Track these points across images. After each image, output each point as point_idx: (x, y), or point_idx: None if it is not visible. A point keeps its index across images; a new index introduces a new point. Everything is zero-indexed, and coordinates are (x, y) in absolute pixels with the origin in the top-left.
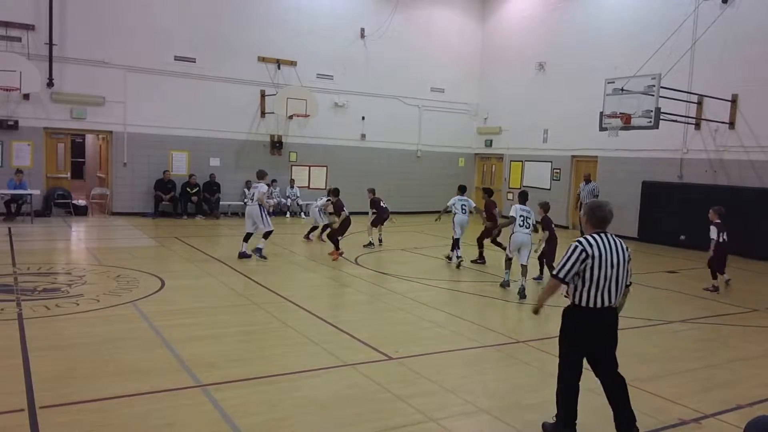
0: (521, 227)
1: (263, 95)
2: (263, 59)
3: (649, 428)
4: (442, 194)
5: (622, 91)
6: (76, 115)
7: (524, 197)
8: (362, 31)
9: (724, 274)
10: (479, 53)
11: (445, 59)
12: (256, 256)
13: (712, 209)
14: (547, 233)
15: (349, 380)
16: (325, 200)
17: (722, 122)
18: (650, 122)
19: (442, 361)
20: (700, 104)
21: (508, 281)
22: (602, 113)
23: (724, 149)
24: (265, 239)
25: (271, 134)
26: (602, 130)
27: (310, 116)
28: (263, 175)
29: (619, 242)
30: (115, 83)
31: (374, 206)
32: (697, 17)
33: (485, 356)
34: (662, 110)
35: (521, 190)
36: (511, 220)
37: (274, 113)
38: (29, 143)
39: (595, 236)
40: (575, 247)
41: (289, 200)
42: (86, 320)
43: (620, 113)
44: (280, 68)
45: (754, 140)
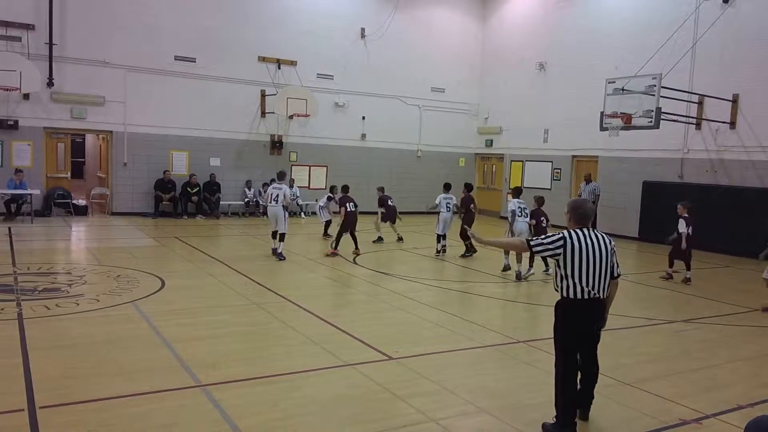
0: (520, 217)
1: (263, 95)
2: (263, 59)
3: (649, 428)
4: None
5: (622, 91)
6: (76, 114)
7: (518, 192)
8: (363, 31)
9: (690, 269)
10: (480, 53)
11: (445, 59)
12: (278, 258)
13: (680, 204)
14: (533, 221)
15: (349, 380)
16: (326, 198)
17: (723, 122)
18: (651, 122)
19: (442, 361)
20: (700, 104)
21: (508, 265)
22: (603, 113)
23: (724, 149)
24: (282, 242)
25: (271, 134)
26: (603, 130)
27: (310, 116)
28: (284, 176)
29: (601, 236)
30: (115, 83)
31: (382, 204)
32: (697, 17)
33: (486, 356)
34: (663, 110)
35: (516, 186)
36: (512, 215)
37: (274, 113)
38: (29, 143)
39: (577, 230)
40: (559, 234)
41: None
42: (86, 320)
43: (621, 113)
44: (280, 68)
45: (754, 140)
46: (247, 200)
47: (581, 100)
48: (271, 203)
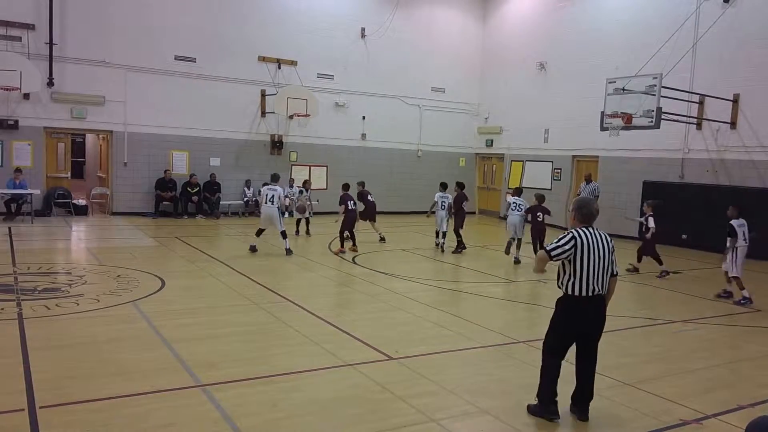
0: (513, 211)
1: (263, 95)
2: (264, 59)
3: (650, 429)
4: None
5: (623, 90)
6: (76, 114)
7: (519, 192)
8: (363, 30)
9: (662, 263)
10: (480, 53)
11: (445, 59)
12: (291, 255)
13: (646, 202)
14: (528, 215)
15: (349, 380)
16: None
17: (724, 122)
18: (651, 122)
19: (442, 361)
20: (701, 104)
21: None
22: (603, 113)
23: (725, 149)
24: (285, 238)
25: (271, 134)
26: (603, 130)
27: (310, 116)
28: (278, 178)
29: (603, 235)
30: (115, 83)
31: (361, 199)
32: (698, 17)
33: (486, 356)
34: (663, 110)
35: (516, 187)
36: (507, 207)
37: (274, 113)
38: (29, 143)
39: (583, 229)
40: (567, 233)
41: (287, 200)
42: (86, 320)
43: (621, 113)
44: (280, 68)
45: (755, 140)
46: (246, 200)
47: (582, 99)
48: (266, 204)
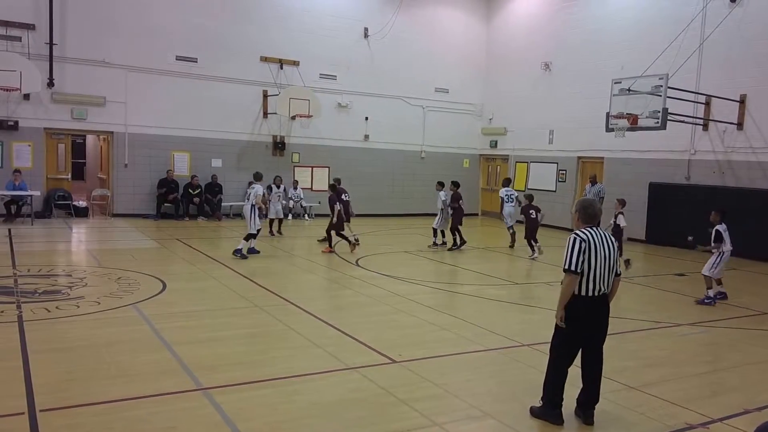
0: (507, 203)
1: (265, 95)
2: (265, 59)
3: None
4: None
5: (628, 91)
6: (76, 115)
7: (507, 182)
8: (365, 30)
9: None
10: (484, 53)
11: (449, 59)
12: (236, 255)
13: (618, 199)
14: (522, 215)
15: (352, 384)
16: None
17: (730, 123)
18: (657, 123)
19: (446, 364)
20: (707, 105)
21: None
22: (609, 114)
23: (732, 150)
24: (245, 241)
25: (273, 135)
26: (609, 131)
27: (312, 117)
28: (260, 177)
29: (607, 234)
30: (115, 83)
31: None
32: (705, 16)
33: (490, 359)
34: (669, 111)
35: (505, 177)
36: (501, 201)
37: (276, 114)
38: (29, 144)
39: (586, 230)
40: (573, 239)
41: (291, 202)
42: (87, 322)
43: (627, 114)
44: (282, 68)
45: (762, 141)
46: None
47: (587, 100)
48: (245, 201)
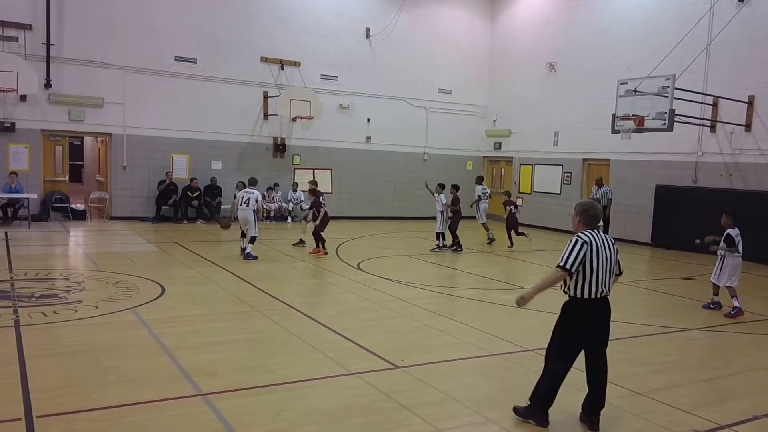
0: (483, 200)
1: (266, 97)
2: (266, 60)
3: None
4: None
5: (635, 92)
6: (74, 116)
7: (481, 179)
8: (368, 31)
9: None
10: (488, 53)
11: (453, 60)
12: (249, 259)
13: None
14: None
15: (353, 389)
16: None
17: (738, 124)
18: (664, 124)
19: (449, 369)
20: (715, 106)
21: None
22: (615, 115)
23: (740, 152)
24: (252, 244)
25: (274, 137)
26: (615, 132)
27: (314, 118)
28: (256, 182)
29: (607, 237)
30: (114, 84)
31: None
32: (712, 16)
33: (493, 365)
34: (676, 112)
35: (479, 175)
36: (476, 198)
37: (277, 115)
38: (26, 146)
39: (588, 232)
40: (576, 240)
41: (291, 204)
42: (85, 327)
43: (633, 115)
44: (283, 69)
45: None
46: (240, 206)
47: (592, 101)
48: (241, 206)
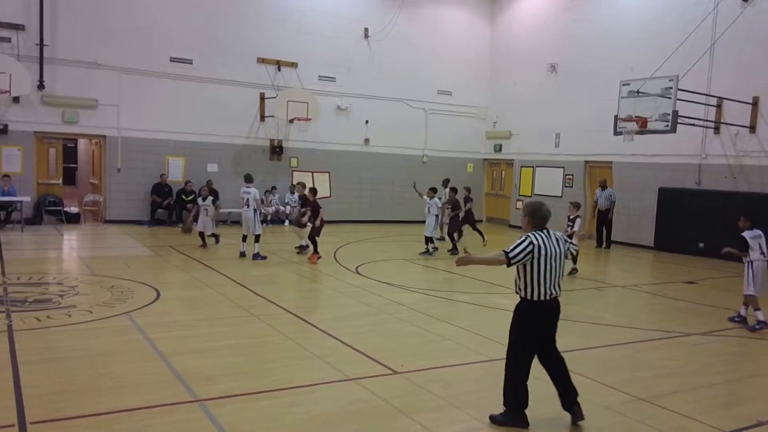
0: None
1: (263, 98)
2: (263, 60)
3: None
4: None
5: (637, 93)
6: (67, 118)
7: (446, 183)
8: (366, 31)
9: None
10: (488, 54)
11: (452, 60)
12: (258, 260)
13: (570, 202)
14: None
15: (352, 395)
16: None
17: (743, 126)
18: (667, 126)
19: (448, 375)
20: (719, 107)
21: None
22: (617, 117)
23: (744, 154)
24: (258, 242)
25: (270, 139)
26: (617, 134)
27: (311, 120)
28: (252, 179)
29: (556, 236)
30: (108, 85)
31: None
32: (716, 16)
33: (493, 370)
34: (680, 113)
35: (445, 177)
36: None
37: (274, 117)
38: (19, 148)
39: (537, 234)
40: (525, 238)
41: (288, 207)
42: (79, 332)
43: (636, 117)
44: (280, 70)
45: None
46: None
47: (594, 102)
48: (243, 207)
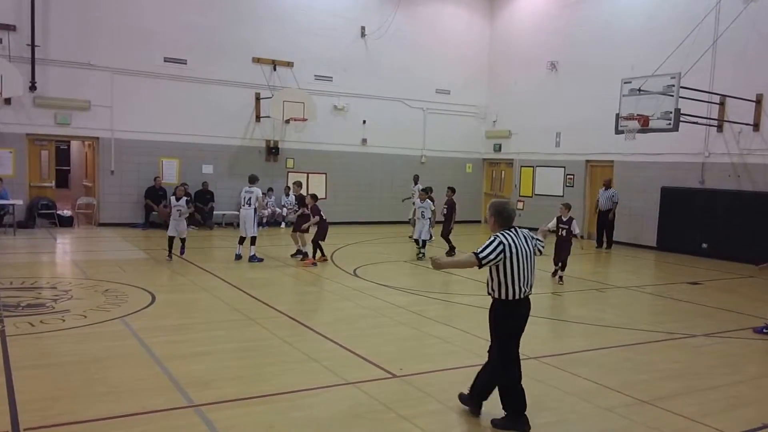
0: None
1: (258, 98)
2: (258, 60)
3: None
4: None
5: (639, 91)
6: (60, 120)
7: (417, 179)
8: (363, 29)
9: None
10: (487, 52)
11: (451, 59)
12: (254, 261)
13: (562, 204)
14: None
15: (350, 399)
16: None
17: (746, 124)
18: (669, 124)
19: (448, 378)
20: (722, 105)
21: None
22: (618, 115)
23: (748, 152)
24: (253, 245)
25: (266, 139)
26: (618, 133)
27: (307, 120)
28: (256, 179)
29: (524, 234)
30: (101, 86)
31: (304, 205)
32: (719, 13)
33: None
34: (682, 111)
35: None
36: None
37: (269, 117)
38: (11, 151)
39: (506, 233)
40: (495, 238)
41: (285, 209)
42: (73, 337)
43: (637, 115)
44: (275, 69)
45: None
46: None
47: (595, 101)
48: (243, 206)
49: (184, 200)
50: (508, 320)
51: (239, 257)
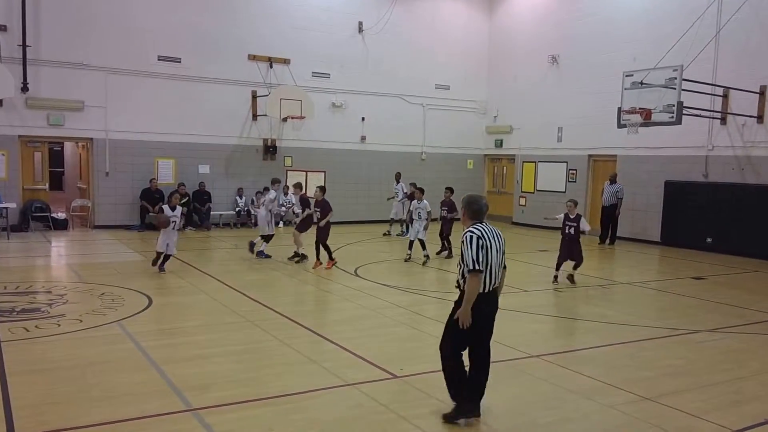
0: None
1: (255, 96)
2: (254, 57)
3: None
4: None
5: (641, 84)
6: (53, 121)
7: (399, 176)
8: (360, 25)
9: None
10: (487, 46)
11: (450, 54)
12: (261, 257)
13: (570, 200)
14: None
15: (351, 401)
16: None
17: (750, 116)
18: (672, 117)
19: None
20: (725, 97)
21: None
22: (620, 109)
23: (752, 145)
24: (266, 243)
25: (264, 138)
26: (621, 126)
27: (305, 118)
28: (276, 181)
29: (495, 229)
30: (94, 86)
31: (306, 205)
32: (721, 4)
33: (496, 372)
34: (685, 104)
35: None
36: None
37: (266, 116)
38: (3, 153)
39: (478, 226)
40: (470, 237)
41: (283, 209)
42: (69, 342)
43: (640, 108)
44: (272, 67)
45: None
46: (238, 210)
47: (597, 95)
48: (260, 207)
49: (179, 210)
50: (478, 312)
51: (268, 256)
